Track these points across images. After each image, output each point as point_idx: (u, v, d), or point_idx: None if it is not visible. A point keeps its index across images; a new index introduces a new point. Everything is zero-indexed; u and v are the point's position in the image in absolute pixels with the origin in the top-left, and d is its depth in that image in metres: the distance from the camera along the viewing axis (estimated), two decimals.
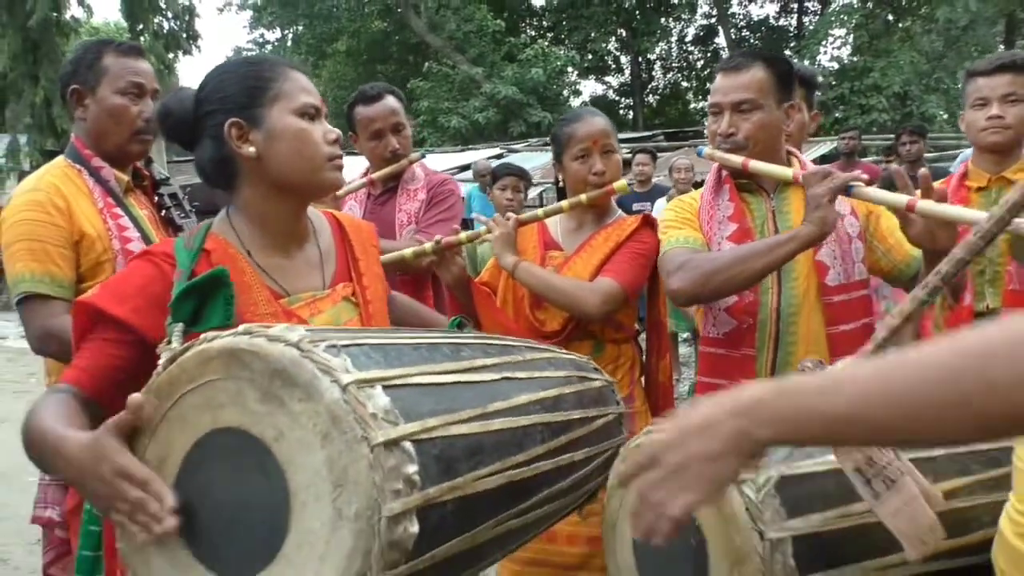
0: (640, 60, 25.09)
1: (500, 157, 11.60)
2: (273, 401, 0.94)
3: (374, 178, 2.61)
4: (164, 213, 2.12)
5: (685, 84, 26.58)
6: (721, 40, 24.19)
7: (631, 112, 25.25)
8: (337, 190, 1.45)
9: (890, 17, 19.36)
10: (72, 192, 1.93)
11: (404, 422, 0.95)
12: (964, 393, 0.69)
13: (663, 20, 24.11)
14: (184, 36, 13.13)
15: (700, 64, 25.85)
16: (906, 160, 6.18)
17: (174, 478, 1.01)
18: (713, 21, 24.70)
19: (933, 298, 1.13)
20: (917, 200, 1.56)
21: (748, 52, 2.06)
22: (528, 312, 2.21)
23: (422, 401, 1.02)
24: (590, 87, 27.30)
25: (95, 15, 16.84)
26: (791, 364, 1.87)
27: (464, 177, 11.11)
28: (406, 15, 21.26)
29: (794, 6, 24.28)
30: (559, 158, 2.24)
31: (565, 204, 2.19)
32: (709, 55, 25.32)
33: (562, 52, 20.68)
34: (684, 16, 25.00)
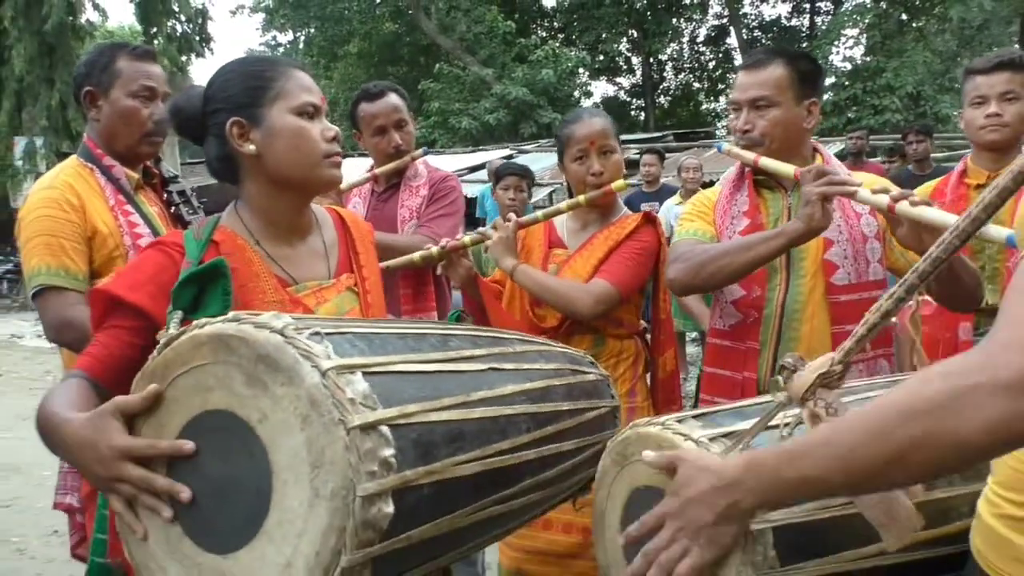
0: (651, 61, 25.06)
1: (511, 158, 11.62)
2: (258, 385, 0.97)
3: (377, 173, 2.66)
4: (173, 210, 2.19)
5: (697, 85, 26.53)
6: (733, 40, 24.16)
7: (642, 113, 25.23)
8: (336, 186, 1.50)
9: (903, 16, 19.25)
10: (85, 190, 2.00)
11: (382, 407, 0.98)
12: (895, 452, 0.79)
13: (674, 21, 24.06)
14: (197, 39, 13.27)
15: (712, 65, 25.81)
16: (913, 159, 6.16)
17: (166, 457, 1.04)
18: (725, 21, 24.65)
19: (911, 295, 1.14)
20: (898, 202, 1.57)
21: (770, 49, 2.08)
22: (528, 309, 2.27)
23: (403, 388, 1.05)
24: (601, 88, 27.36)
25: (109, 19, 17.04)
26: None
27: (475, 177, 11.15)
28: (417, 17, 21.34)
29: (806, 6, 24.18)
30: (561, 159, 2.29)
31: (563, 205, 2.25)
32: (721, 56, 25.27)
33: (573, 53, 20.68)
34: (695, 16, 24.96)
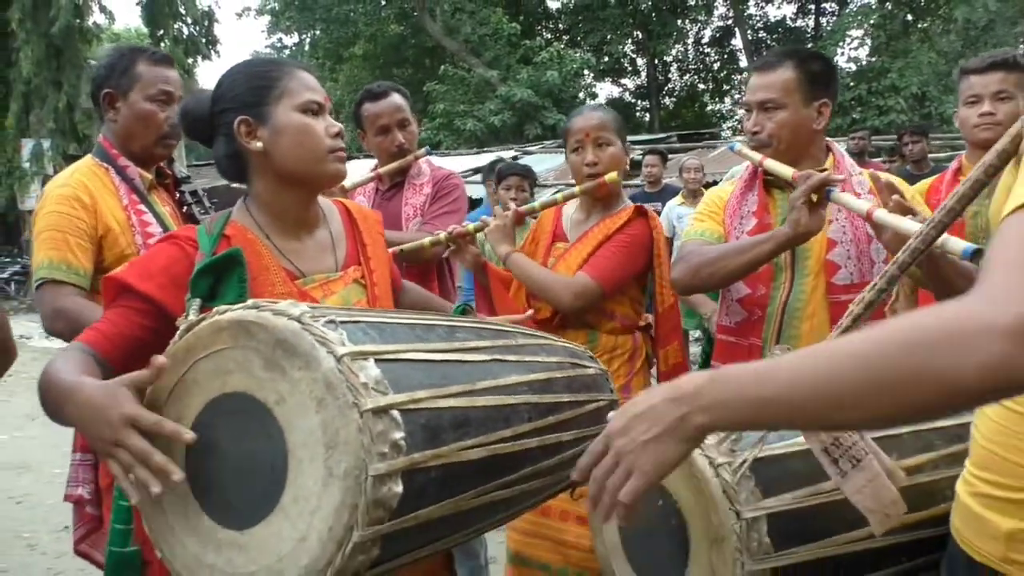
0: (656, 62, 25.08)
1: (516, 159, 11.67)
2: (276, 369, 1.03)
3: (381, 173, 2.71)
4: (185, 209, 2.26)
5: (701, 86, 26.54)
6: (738, 42, 24.14)
7: (647, 114, 25.24)
8: (340, 180, 1.55)
9: (908, 17, 19.22)
10: (99, 189, 2.06)
11: (393, 392, 1.03)
12: (876, 380, 0.75)
13: (679, 22, 24.05)
14: (203, 41, 13.35)
15: (716, 66, 25.81)
16: (910, 160, 6.19)
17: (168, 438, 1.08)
18: (730, 23, 24.65)
19: (893, 286, 1.19)
20: (875, 209, 1.61)
21: (782, 50, 2.11)
22: (524, 299, 2.33)
23: (412, 375, 1.10)
24: (606, 89, 27.34)
25: (116, 21, 17.11)
26: None
27: (480, 178, 11.18)
28: (422, 19, 21.40)
29: (811, 7, 24.18)
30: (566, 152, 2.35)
31: (560, 196, 2.32)
32: (725, 57, 25.28)
33: (578, 55, 20.70)
34: (700, 18, 24.96)
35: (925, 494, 1.29)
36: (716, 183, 2.24)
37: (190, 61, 13.25)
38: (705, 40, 25.87)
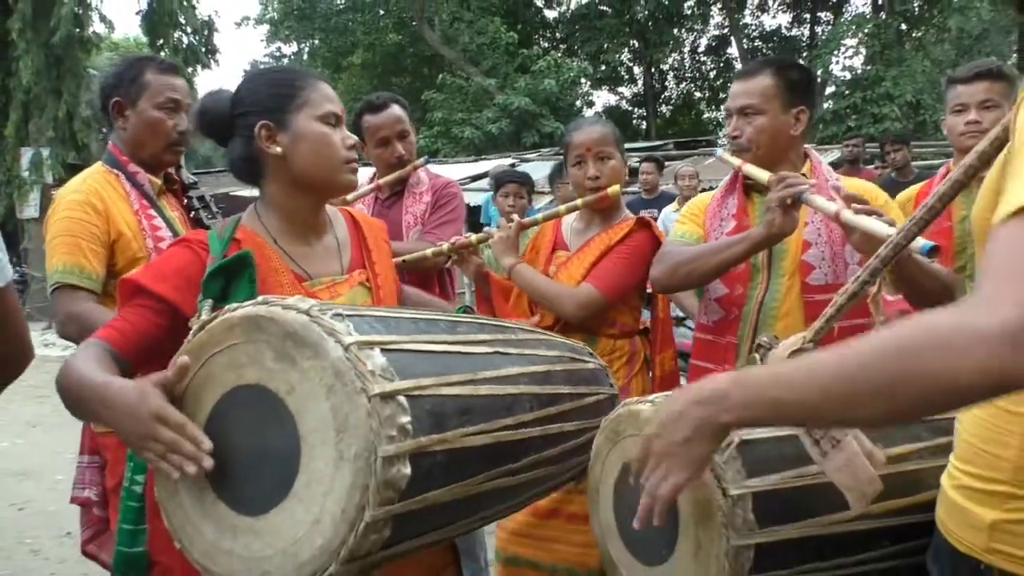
0: (653, 71, 25.22)
1: (513, 167, 11.73)
2: (286, 359, 1.08)
3: (381, 183, 2.75)
4: (193, 214, 2.31)
5: (698, 94, 26.69)
6: (733, 50, 24.29)
7: (644, 122, 25.37)
8: (352, 190, 1.61)
9: (903, 26, 19.34)
10: (111, 195, 2.12)
11: (399, 379, 1.08)
12: (879, 384, 0.83)
13: (675, 31, 24.23)
14: (203, 50, 13.39)
15: (712, 74, 25.95)
16: (893, 167, 6.29)
17: (203, 429, 1.14)
18: (725, 31, 24.81)
19: (875, 279, 1.25)
20: (843, 210, 1.67)
21: (763, 59, 2.19)
22: (526, 307, 2.38)
23: (417, 364, 1.15)
24: (603, 97, 27.49)
25: (115, 30, 17.17)
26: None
27: (478, 186, 11.24)
28: (420, 28, 21.50)
29: (807, 16, 24.34)
30: (565, 164, 2.41)
31: (563, 209, 2.36)
32: (722, 65, 25.41)
33: (575, 63, 20.82)
34: (696, 27, 25.12)
35: (910, 482, 1.34)
36: (713, 189, 2.29)
37: (189, 70, 13.27)
38: (701, 49, 26.07)
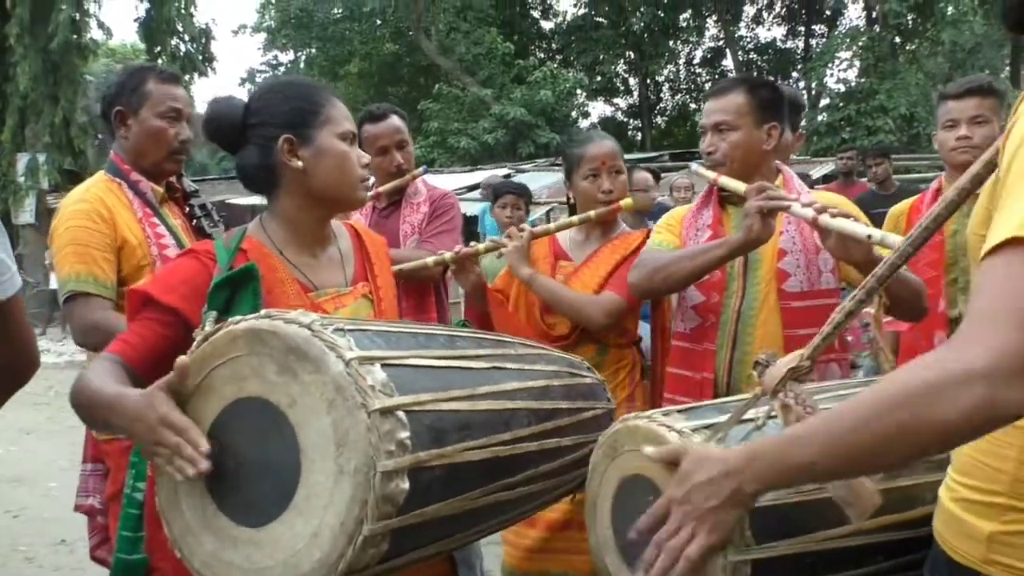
0: (648, 82, 25.39)
1: (509, 177, 11.76)
2: (288, 373, 1.09)
3: (380, 192, 2.77)
4: (195, 222, 2.32)
5: (693, 105, 26.76)
6: (729, 62, 24.48)
7: (639, 133, 25.48)
8: (362, 206, 1.63)
9: (896, 40, 19.49)
10: (114, 203, 2.13)
11: (399, 395, 1.09)
12: (884, 438, 0.88)
13: (671, 43, 24.40)
14: (200, 58, 13.42)
15: (708, 86, 25.94)
16: (875, 181, 6.36)
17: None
18: (721, 44, 24.99)
19: (872, 297, 1.26)
20: (820, 215, 1.70)
21: (735, 78, 2.25)
22: (539, 318, 2.39)
23: (416, 379, 1.16)
24: (599, 108, 27.61)
25: (113, 37, 17.17)
26: (747, 361, 2.02)
27: (474, 196, 11.27)
28: (417, 38, 21.58)
29: (801, 29, 24.53)
30: (569, 176, 2.43)
31: (576, 219, 2.38)
32: (717, 77, 25.54)
33: (571, 74, 20.94)
34: (692, 39, 25.30)
35: (904, 497, 1.34)
36: None
37: (187, 78, 13.31)
38: (696, 61, 26.23)
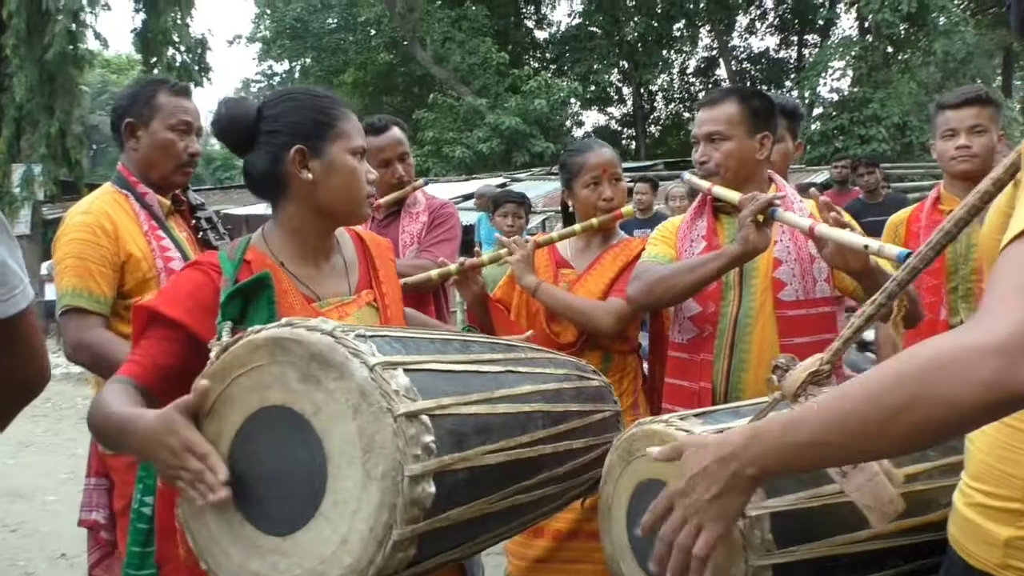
0: (642, 91, 25.47)
1: (504, 186, 11.79)
2: (311, 381, 1.09)
3: (381, 203, 2.79)
4: (201, 235, 2.32)
5: (687, 115, 26.83)
6: (722, 72, 24.58)
7: (633, 142, 25.56)
8: (365, 221, 1.63)
9: (889, 49, 19.63)
10: (120, 216, 2.13)
11: (422, 399, 1.10)
12: (893, 412, 0.84)
13: (665, 52, 24.50)
14: (196, 68, 13.38)
15: (701, 95, 26.09)
16: (865, 189, 6.39)
17: (228, 450, 1.15)
18: (714, 53, 25.12)
19: (892, 301, 1.27)
20: (817, 224, 1.71)
21: (727, 88, 2.27)
22: (544, 325, 2.39)
23: (437, 383, 1.17)
24: (593, 118, 27.72)
25: (109, 48, 17.15)
26: (745, 370, 2.03)
27: (470, 205, 11.28)
28: (412, 48, 21.63)
29: (794, 39, 24.68)
30: (569, 185, 2.43)
31: (578, 228, 2.38)
32: (710, 86, 25.66)
33: (565, 84, 20.96)
34: (685, 48, 25.42)
35: (921, 502, 1.35)
36: None
37: None
38: (690, 70, 26.36)
